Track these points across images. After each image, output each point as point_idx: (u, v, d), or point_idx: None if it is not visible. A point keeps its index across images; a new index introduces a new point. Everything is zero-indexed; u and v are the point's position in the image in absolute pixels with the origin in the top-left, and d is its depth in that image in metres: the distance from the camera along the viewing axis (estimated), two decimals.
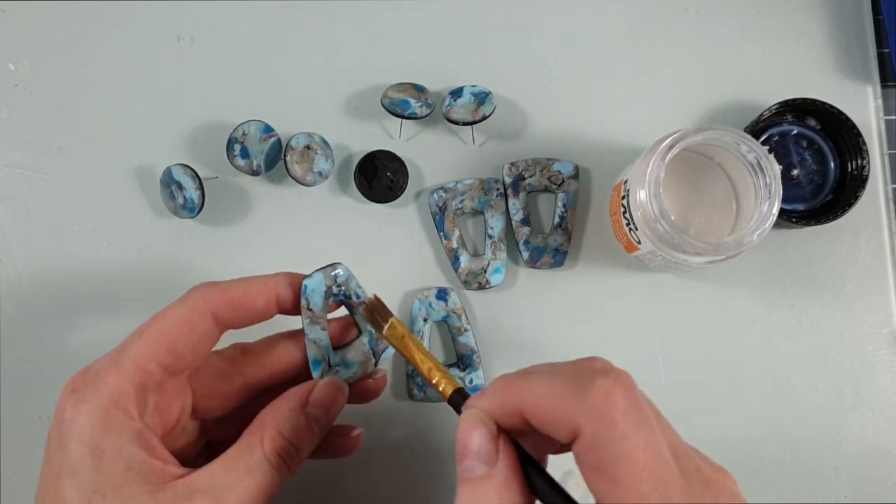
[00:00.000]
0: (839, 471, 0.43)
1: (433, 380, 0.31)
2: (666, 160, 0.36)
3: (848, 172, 0.43)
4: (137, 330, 0.30)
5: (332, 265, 0.33)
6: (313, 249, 0.43)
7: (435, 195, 0.43)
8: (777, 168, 0.37)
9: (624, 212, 0.39)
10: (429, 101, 0.43)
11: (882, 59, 0.46)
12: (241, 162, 0.42)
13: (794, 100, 0.43)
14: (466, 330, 0.42)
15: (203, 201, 0.41)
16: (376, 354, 0.34)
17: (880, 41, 0.46)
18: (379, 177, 0.43)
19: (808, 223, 0.42)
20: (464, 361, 0.42)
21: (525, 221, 0.43)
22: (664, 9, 0.46)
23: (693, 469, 0.24)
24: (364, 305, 0.34)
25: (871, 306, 0.44)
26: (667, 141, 0.36)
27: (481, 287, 0.43)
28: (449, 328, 0.43)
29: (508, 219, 0.43)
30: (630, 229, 0.39)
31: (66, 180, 0.43)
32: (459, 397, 0.30)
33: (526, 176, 0.43)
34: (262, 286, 0.31)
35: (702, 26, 0.46)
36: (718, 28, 0.46)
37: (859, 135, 0.42)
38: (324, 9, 0.45)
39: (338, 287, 0.33)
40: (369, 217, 0.44)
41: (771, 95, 0.44)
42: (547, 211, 0.44)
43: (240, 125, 0.42)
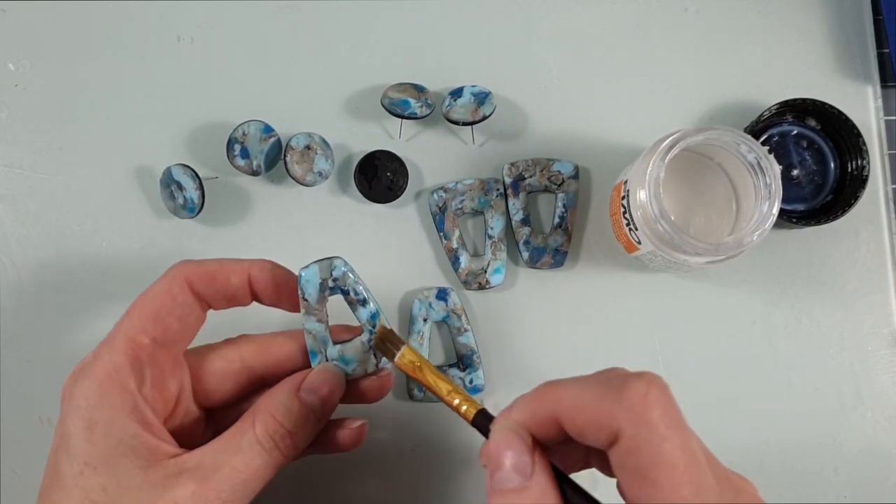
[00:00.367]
0: (839, 471, 0.43)
1: (454, 402, 0.30)
2: (666, 160, 0.36)
3: (848, 172, 0.43)
4: (125, 311, 0.31)
5: (331, 258, 0.33)
6: (313, 249, 0.43)
7: (435, 195, 0.43)
8: (777, 168, 0.37)
9: (624, 212, 0.39)
10: (429, 101, 0.43)
11: (882, 59, 0.46)
12: (241, 162, 0.42)
13: (794, 100, 0.43)
14: (466, 330, 0.42)
15: (203, 201, 0.41)
16: (376, 353, 0.34)
17: (880, 41, 0.46)
18: (379, 177, 0.43)
19: (808, 223, 0.42)
20: (464, 361, 0.42)
21: (525, 221, 0.43)
22: (664, 9, 0.46)
23: (723, 475, 0.25)
24: (374, 336, 0.34)
25: (871, 306, 0.44)
26: (667, 141, 0.36)
27: (481, 287, 0.43)
28: (449, 328, 0.43)
29: (508, 219, 0.43)
30: (630, 229, 0.39)
31: (66, 180, 0.43)
32: (483, 418, 0.29)
33: (526, 176, 0.43)
34: (237, 265, 0.32)
35: (702, 26, 0.46)
36: (718, 28, 0.46)
37: (859, 135, 0.42)
38: (324, 9, 0.45)
39: (333, 281, 0.33)
40: (369, 217, 0.44)
41: (771, 95, 0.44)
42: (547, 211, 0.44)
43: (240, 125, 0.42)
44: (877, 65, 0.46)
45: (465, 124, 0.42)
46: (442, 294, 0.42)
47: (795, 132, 0.44)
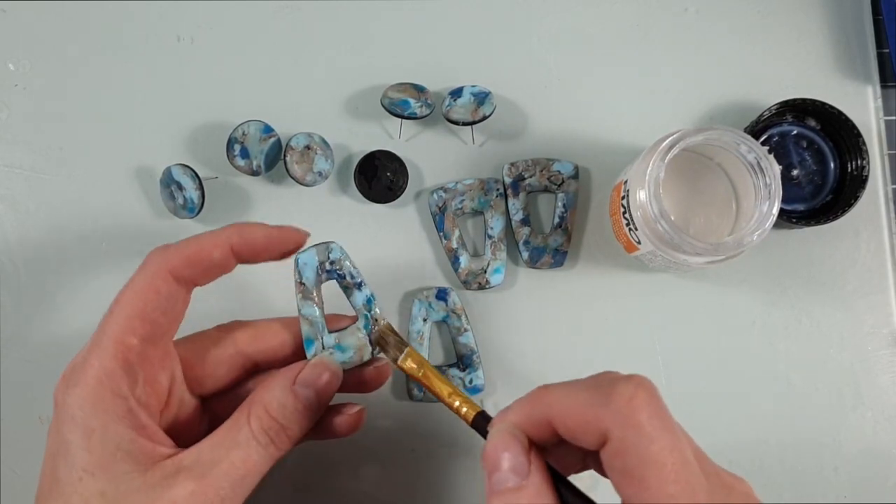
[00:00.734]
0: (839, 471, 0.43)
1: (454, 404, 0.31)
2: (666, 160, 0.36)
3: (848, 173, 0.43)
4: (108, 308, 0.30)
5: (327, 243, 0.33)
6: None
7: (435, 195, 0.43)
8: (777, 168, 0.37)
9: (624, 212, 0.39)
10: (429, 101, 0.43)
11: (882, 59, 0.46)
12: (241, 162, 0.42)
13: (794, 100, 0.43)
14: (466, 330, 0.42)
15: (203, 201, 0.41)
16: (373, 342, 0.34)
17: (880, 41, 0.46)
18: (379, 177, 0.43)
19: (808, 223, 0.42)
20: (464, 361, 0.42)
21: (525, 221, 0.43)
22: (664, 9, 0.46)
23: (714, 473, 0.25)
24: (376, 334, 0.34)
25: (871, 306, 0.44)
26: (667, 141, 0.36)
27: (481, 287, 0.43)
28: (449, 328, 0.43)
29: (508, 219, 0.43)
30: (630, 229, 0.39)
31: (66, 180, 0.43)
32: (483, 420, 0.30)
33: (526, 176, 0.43)
34: (216, 238, 0.32)
35: (702, 26, 0.46)
36: (718, 28, 0.46)
37: (859, 135, 0.42)
38: (324, 9, 0.45)
39: (330, 264, 0.33)
40: (369, 217, 0.44)
41: (771, 95, 0.44)
42: (547, 211, 0.44)
43: (240, 125, 0.42)
44: (877, 65, 0.46)
45: (465, 124, 0.42)
46: (442, 294, 0.42)
47: (795, 132, 0.44)
